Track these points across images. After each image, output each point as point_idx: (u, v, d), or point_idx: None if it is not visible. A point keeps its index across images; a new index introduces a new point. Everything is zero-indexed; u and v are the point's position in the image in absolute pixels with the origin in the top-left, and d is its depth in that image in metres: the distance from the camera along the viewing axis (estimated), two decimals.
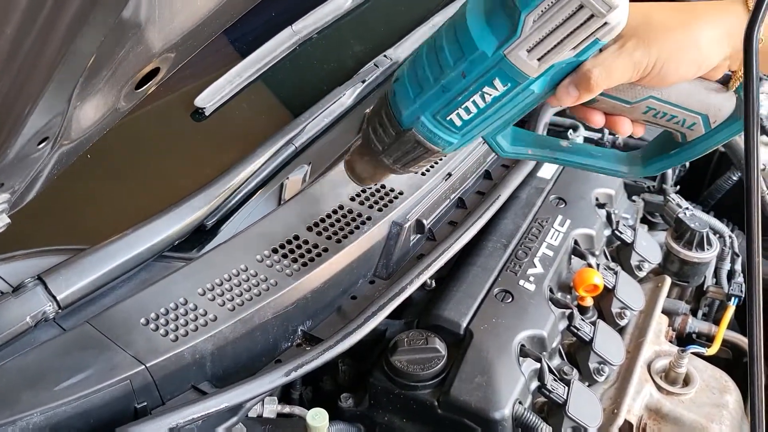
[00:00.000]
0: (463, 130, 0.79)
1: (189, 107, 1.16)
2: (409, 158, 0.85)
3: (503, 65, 0.72)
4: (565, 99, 0.75)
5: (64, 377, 0.82)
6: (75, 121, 0.62)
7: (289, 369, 0.91)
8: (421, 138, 0.81)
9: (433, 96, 0.77)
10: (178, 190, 1.04)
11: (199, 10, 0.65)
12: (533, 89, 0.74)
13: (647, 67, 0.73)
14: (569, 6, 0.67)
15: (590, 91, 0.74)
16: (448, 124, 0.79)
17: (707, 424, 1.12)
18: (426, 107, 0.78)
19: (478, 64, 0.73)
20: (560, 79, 0.75)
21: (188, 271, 0.96)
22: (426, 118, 0.79)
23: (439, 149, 0.82)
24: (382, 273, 1.11)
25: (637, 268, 1.31)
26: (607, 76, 0.73)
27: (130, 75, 0.64)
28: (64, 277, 0.89)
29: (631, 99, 0.78)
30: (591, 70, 0.72)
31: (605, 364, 1.11)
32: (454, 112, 0.77)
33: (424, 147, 0.82)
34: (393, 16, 1.56)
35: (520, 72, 0.72)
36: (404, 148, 0.83)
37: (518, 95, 0.75)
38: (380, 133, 0.84)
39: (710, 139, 0.81)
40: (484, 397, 0.95)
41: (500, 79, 0.73)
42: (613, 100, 0.78)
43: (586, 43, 0.70)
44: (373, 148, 0.86)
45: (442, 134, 0.80)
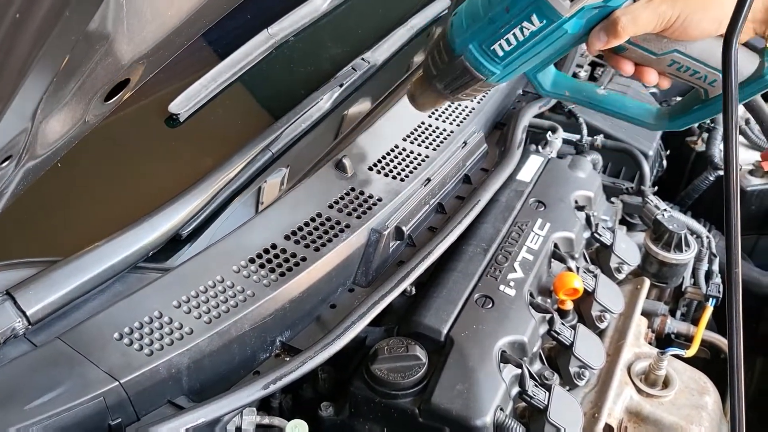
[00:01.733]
0: (504, 60, 0.89)
1: (163, 113, 1.14)
2: (458, 84, 0.95)
3: (540, 3, 0.82)
4: (595, 43, 0.84)
5: (35, 395, 0.80)
6: (41, 137, 0.60)
7: (268, 382, 0.89)
8: (468, 65, 0.91)
9: (481, 27, 0.88)
10: (152, 199, 1.02)
11: (169, 20, 0.63)
12: (566, 29, 0.83)
13: (671, 19, 0.80)
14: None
15: (617, 36, 0.82)
16: (492, 54, 0.89)
17: (687, 425, 1.13)
18: (474, 37, 0.89)
19: (520, 0, 0.83)
20: (593, 25, 0.84)
21: (163, 283, 0.94)
22: (474, 47, 0.90)
23: (483, 77, 0.92)
24: (361, 281, 1.09)
25: (617, 270, 1.31)
26: (633, 23, 0.81)
27: (99, 87, 0.62)
28: (34, 291, 0.86)
29: (657, 51, 0.86)
30: (619, 17, 0.81)
31: (586, 368, 1.11)
32: (497, 42, 0.88)
33: (471, 74, 0.92)
34: (370, 19, 1.54)
35: (554, 10, 0.82)
36: (454, 74, 0.94)
37: (553, 33, 0.84)
38: (436, 59, 0.95)
39: None
40: (466, 405, 0.95)
41: (537, 16, 0.83)
42: (641, 50, 0.86)
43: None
44: (429, 74, 0.98)
45: (486, 63, 0.90)
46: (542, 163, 1.38)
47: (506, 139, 1.38)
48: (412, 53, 1.46)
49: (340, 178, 1.13)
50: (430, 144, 1.25)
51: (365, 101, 1.33)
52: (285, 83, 1.34)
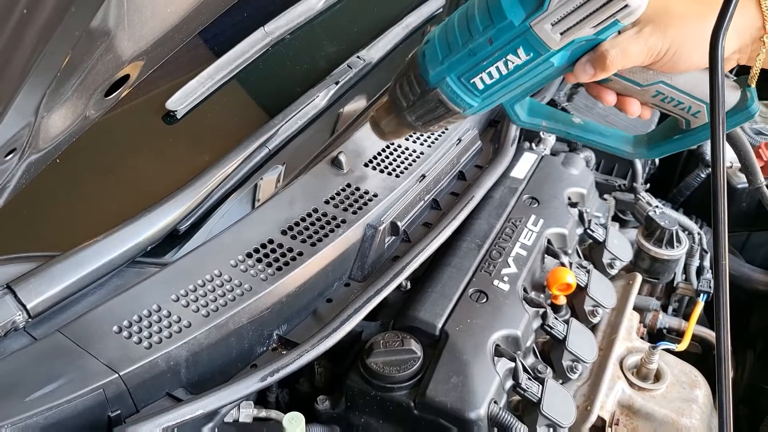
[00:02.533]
0: (484, 93, 0.85)
1: (160, 110, 1.15)
2: (431, 117, 0.90)
3: (528, 36, 0.78)
4: (581, 75, 0.81)
5: (35, 387, 0.81)
6: (43, 131, 0.61)
7: (265, 374, 0.90)
8: (445, 98, 0.86)
9: (460, 59, 0.83)
10: (149, 195, 1.02)
11: (169, 17, 0.64)
12: (553, 62, 0.80)
13: (660, 52, 0.78)
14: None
15: (605, 70, 0.79)
16: (471, 87, 0.84)
17: (678, 418, 1.15)
18: (452, 69, 0.84)
19: (505, 32, 0.79)
20: (579, 57, 0.81)
21: (161, 277, 0.95)
22: (451, 79, 0.84)
23: (460, 110, 0.87)
24: (357, 275, 1.11)
25: (609, 266, 1.33)
26: (623, 57, 0.78)
27: (100, 83, 0.63)
28: (34, 285, 0.87)
29: (643, 82, 0.83)
30: (608, 50, 0.78)
31: (578, 361, 1.13)
32: (478, 75, 0.83)
33: (446, 107, 0.87)
34: (366, 17, 1.55)
35: (542, 44, 0.78)
36: (428, 106, 0.88)
37: (539, 66, 0.80)
38: (406, 90, 0.89)
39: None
40: (460, 398, 0.96)
41: (524, 49, 0.79)
42: (626, 82, 0.83)
43: (607, 22, 0.75)
44: (398, 104, 0.91)
45: (464, 96, 0.85)
46: (536, 161, 1.40)
47: (500, 136, 1.39)
48: (407, 51, 1.47)
49: (336, 174, 1.14)
50: (425, 141, 1.26)
51: (361, 98, 1.34)
52: (281, 81, 1.35)
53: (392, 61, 1.42)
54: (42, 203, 1.00)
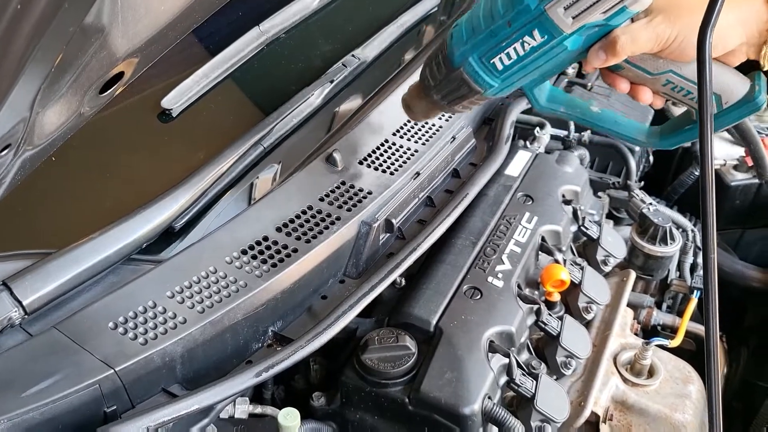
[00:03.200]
0: (504, 74, 0.90)
1: (156, 108, 1.15)
2: (455, 95, 0.96)
3: (543, 19, 0.83)
4: (594, 60, 0.85)
5: (32, 383, 0.81)
6: (38, 127, 0.61)
7: (260, 370, 0.91)
8: (467, 77, 0.92)
9: (482, 40, 0.89)
10: (145, 192, 1.03)
11: (163, 14, 0.65)
12: (566, 45, 0.84)
13: (668, 40, 0.82)
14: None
15: (616, 55, 0.84)
16: (491, 67, 0.90)
17: (671, 413, 1.15)
18: (475, 49, 0.90)
19: (523, 15, 0.84)
20: (592, 43, 0.85)
21: (157, 274, 0.95)
22: (473, 60, 0.90)
23: (481, 90, 0.93)
24: (352, 272, 1.11)
25: (603, 263, 1.33)
26: (632, 43, 0.82)
27: (94, 80, 0.63)
28: (30, 282, 0.87)
29: (653, 70, 0.87)
30: (619, 36, 0.83)
31: (572, 357, 1.14)
32: (497, 56, 0.89)
33: (469, 86, 0.93)
34: (361, 16, 1.56)
35: (556, 26, 0.83)
36: (452, 85, 0.95)
37: (553, 49, 0.85)
38: (434, 70, 0.96)
39: (721, 119, 0.89)
40: (454, 393, 0.97)
41: (539, 31, 0.84)
42: (637, 69, 0.88)
43: (615, 8, 0.80)
44: (427, 84, 0.98)
45: (485, 76, 0.91)
46: (530, 158, 1.40)
47: (494, 134, 1.40)
48: (401, 50, 1.48)
49: (330, 171, 1.15)
50: (420, 139, 1.27)
51: (356, 97, 1.35)
52: (276, 79, 1.35)
53: (387, 60, 1.43)
54: (38, 200, 1.00)
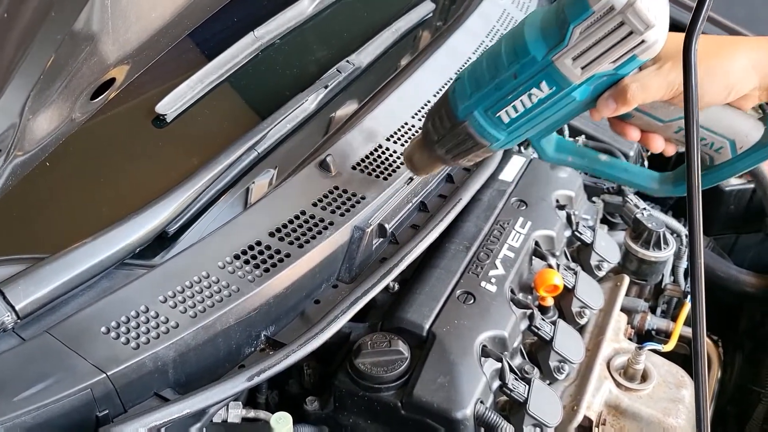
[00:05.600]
0: (510, 127, 0.88)
1: (150, 114, 1.16)
2: (460, 150, 0.94)
3: (550, 70, 0.81)
4: (604, 110, 0.83)
5: (24, 387, 0.81)
6: (29, 133, 0.62)
7: (252, 374, 0.91)
8: (473, 131, 0.90)
9: (487, 93, 0.87)
10: (139, 197, 1.03)
11: (153, 21, 0.65)
12: (575, 96, 0.82)
13: (680, 87, 0.78)
14: (612, 22, 0.76)
15: (626, 104, 0.81)
16: (497, 121, 0.88)
17: (664, 418, 1.16)
18: (479, 103, 0.88)
19: (529, 67, 0.82)
20: (601, 92, 0.83)
21: (149, 278, 0.96)
22: (478, 113, 0.88)
23: (487, 143, 0.91)
24: (345, 277, 1.12)
25: (597, 267, 1.33)
26: (643, 91, 0.80)
27: (85, 86, 0.64)
28: (23, 286, 0.88)
29: (665, 117, 0.85)
30: (629, 84, 0.80)
31: (565, 362, 1.14)
32: (503, 109, 0.87)
33: (474, 140, 0.91)
34: (355, 22, 1.56)
35: (564, 78, 0.81)
36: (456, 140, 0.93)
37: (561, 100, 0.83)
38: (437, 124, 0.94)
39: (736, 164, 0.88)
40: (447, 398, 0.97)
41: (546, 83, 0.82)
42: (649, 117, 0.86)
43: (625, 57, 0.78)
44: (429, 138, 0.97)
45: (491, 129, 0.89)
46: (524, 163, 1.41)
47: None
48: (396, 56, 1.48)
49: (324, 177, 1.15)
50: None
51: (350, 103, 1.35)
52: (271, 85, 1.36)
53: (381, 66, 1.43)
54: (31, 205, 1.01)
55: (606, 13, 0.76)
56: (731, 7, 2.12)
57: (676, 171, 0.95)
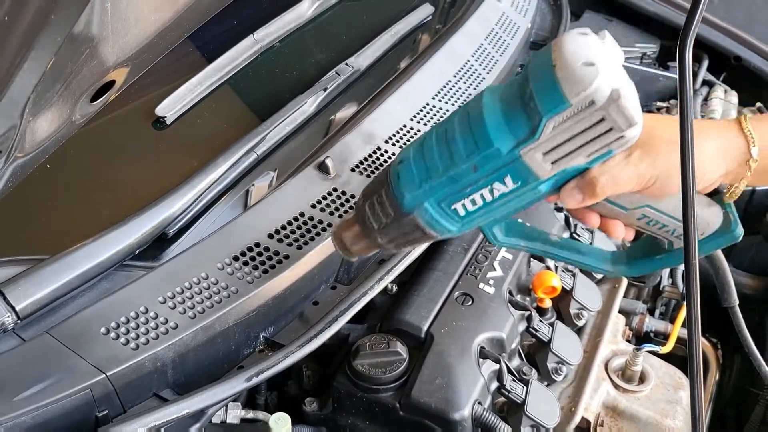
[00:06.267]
0: (465, 219, 0.79)
1: (150, 116, 1.17)
2: (405, 240, 0.83)
3: (517, 164, 0.73)
4: (569, 201, 0.77)
5: (24, 387, 0.82)
6: (29, 135, 0.62)
7: (251, 375, 0.92)
8: (422, 223, 0.79)
9: (441, 184, 0.76)
10: (138, 199, 1.04)
11: (153, 24, 0.66)
12: (541, 189, 0.75)
13: (650, 179, 0.75)
14: (591, 117, 0.69)
15: (595, 196, 0.75)
16: (452, 213, 0.78)
17: (662, 419, 1.16)
18: (431, 194, 0.77)
19: (492, 160, 0.73)
20: (566, 181, 0.76)
21: (149, 279, 0.96)
22: (430, 205, 0.78)
23: (437, 234, 0.81)
24: (343, 278, 1.12)
25: None
26: (613, 184, 0.75)
27: (85, 88, 0.64)
28: (24, 287, 0.88)
29: (629, 206, 0.80)
30: (598, 177, 0.74)
31: (563, 363, 1.14)
32: (459, 202, 0.77)
33: (423, 231, 0.80)
34: (354, 25, 1.57)
35: (532, 172, 0.73)
36: (402, 230, 0.81)
37: (526, 193, 0.75)
38: (378, 212, 0.82)
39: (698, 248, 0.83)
40: (445, 399, 0.97)
41: (512, 177, 0.74)
42: (612, 205, 0.81)
43: (601, 152, 0.72)
44: (368, 225, 0.83)
45: (443, 221, 0.79)
46: None
47: None
48: (395, 59, 1.49)
49: (322, 179, 1.16)
50: None
51: (349, 105, 1.36)
52: (270, 87, 1.36)
53: (380, 68, 1.44)
54: (32, 206, 1.01)
55: (585, 108, 0.68)
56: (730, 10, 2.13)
57: (629, 249, 0.91)
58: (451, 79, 1.44)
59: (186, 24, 0.73)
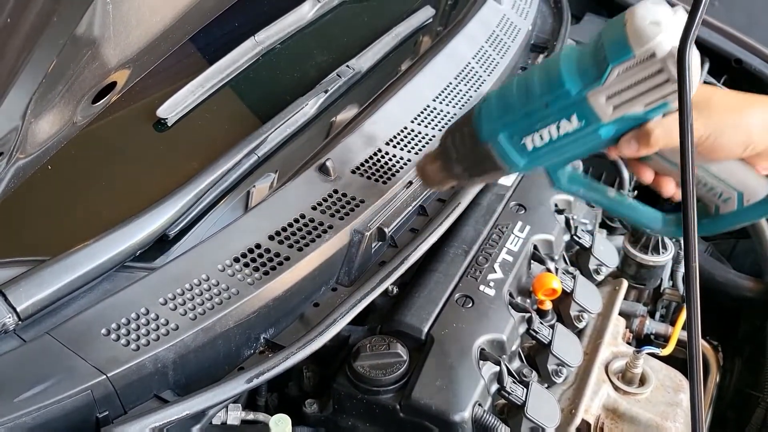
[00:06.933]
0: (532, 155, 0.89)
1: (151, 118, 1.17)
2: (477, 169, 0.95)
3: (583, 105, 0.82)
4: (625, 150, 0.85)
5: (24, 388, 0.82)
6: (31, 136, 0.63)
7: (251, 376, 0.92)
8: (494, 154, 0.90)
9: (515, 119, 0.87)
10: (140, 200, 1.04)
11: (154, 26, 0.66)
12: (600, 133, 0.84)
13: (701, 137, 0.82)
14: (651, 67, 0.77)
15: (649, 147, 0.83)
16: (521, 147, 0.88)
17: (662, 422, 1.16)
18: (506, 127, 0.88)
19: (562, 99, 0.83)
20: (624, 132, 0.84)
21: (150, 281, 0.96)
22: (503, 136, 0.89)
23: (506, 167, 0.91)
24: (344, 280, 1.12)
25: (595, 272, 1.34)
26: (666, 136, 0.82)
27: (87, 90, 0.65)
28: (25, 288, 0.88)
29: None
30: (653, 129, 0.82)
31: (563, 365, 1.14)
32: (529, 136, 0.87)
33: (494, 162, 0.91)
34: (355, 27, 1.57)
35: (595, 114, 0.82)
36: (476, 159, 0.93)
37: (587, 135, 0.84)
38: (458, 142, 0.95)
39: (740, 216, 0.90)
40: (445, 400, 0.98)
41: (577, 116, 0.83)
42: (666, 162, 0.88)
43: (657, 102, 0.80)
44: (448, 154, 0.97)
45: (513, 155, 0.89)
46: None
47: None
48: (396, 61, 1.49)
49: (323, 180, 1.16)
50: (413, 148, 1.28)
51: (350, 107, 1.36)
52: (271, 89, 1.37)
53: (381, 70, 1.44)
54: (33, 208, 1.01)
55: (647, 59, 0.77)
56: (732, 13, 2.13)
57: (677, 213, 0.96)
58: (451, 82, 1.45)
59: (187, 26, 0.73)
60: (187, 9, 0.68)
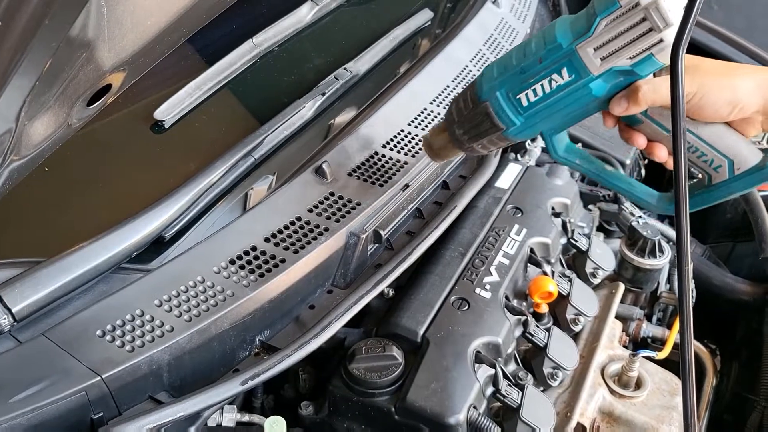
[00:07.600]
0: (527, 112, 0.93)
1: (149, 120, 1.17)
2: (477, 131, 0.98)
3: (573, 58, 0.87)
4: (616, 108, 0.89)
5: (19, 389, 0.82)
6: (25, 138, 0.63)
7: (246, 378, 0.92)
8: (491, 111, 0.95)
9: (511, 76, 0.93)
10: (136, 202, 1.04)
11: (149, 29, 0.66)
12: (591, 88, 0.88)
13: (688, 95, 0.85)
14: (635, 16, 0.82)
15: (637, 103, 0.87)
16: (516, 103, 0.93)
17: (658, 425, 1.16)
18: (503, 84, 0.93)
19: (554, 52, 0.88)
20: (614, 93, 0.89)
21: (145, 282, 0.96)
22: (500, 94, 0.94)
23: (504, 127, 0.96)
24: (340, 282, 1.12)
25: (592, 275, 1.34)
26: (653, 93, 0.86)
27: (81, 92, 0.65)
28: (20, 289, 0.88)
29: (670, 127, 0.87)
30: (641, 86, 0.86)
31: (559, 368, 1.14)
32: (524, 91, 0.92)
33: (491, 121, 0.96)
34: (353, 30, 1.58)
35: (584, 67, 0.87)
36: (475, 120, 0.97)
37: (578, 90, 0.89)
38: (461, 106, 1.00)
39: (732, 185, 0.91)
40: (440, 403, 0.98)
41: (567, 69, 0.88)
42: (656, 125, 0.91)
43: (642, 55, 0.84)
44: (450, 119, 1.01)
45: (509, 112, 0.94)
46: (520, 171, 1.42)
47: None
48: (393, 64, 1.50)
49: (319, 183, 1.16)
50: (409, 151, 1.28)
51: (347, 110, 1.36)
52: (269, 92, 1.37)
53: (378, 73, 1.44)
54: (28, 209, 1.02)
55: (631, 8, 0.82)
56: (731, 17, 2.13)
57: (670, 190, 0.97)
58: (449, 84, 1.45)
59: (183, 28, 0.73)
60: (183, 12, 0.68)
